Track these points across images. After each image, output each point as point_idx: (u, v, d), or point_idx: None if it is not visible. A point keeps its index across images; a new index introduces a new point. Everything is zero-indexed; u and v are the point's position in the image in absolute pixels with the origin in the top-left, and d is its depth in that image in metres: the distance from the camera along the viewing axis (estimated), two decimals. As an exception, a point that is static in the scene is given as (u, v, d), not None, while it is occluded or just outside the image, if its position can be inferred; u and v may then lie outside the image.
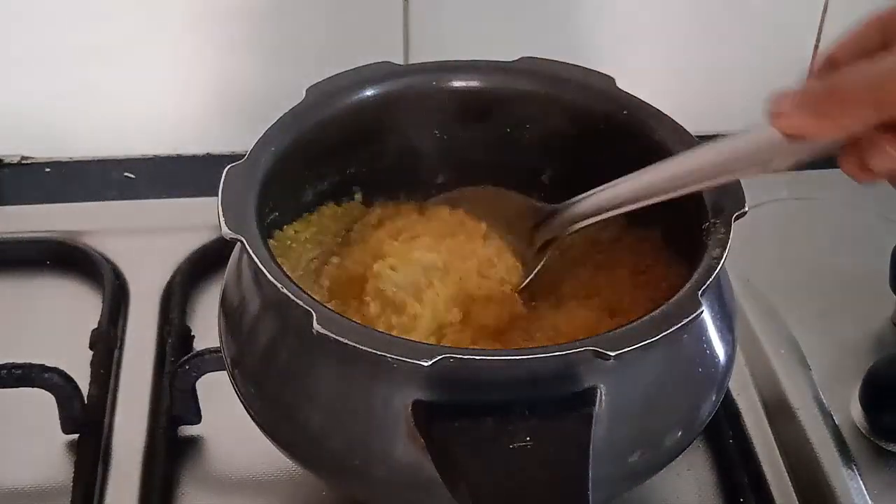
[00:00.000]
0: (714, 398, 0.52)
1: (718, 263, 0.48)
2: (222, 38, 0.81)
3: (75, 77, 0.81)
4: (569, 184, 0.61)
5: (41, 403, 0.60)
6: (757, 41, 0.85)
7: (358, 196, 0.62)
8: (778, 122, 0.44)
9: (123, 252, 0.74)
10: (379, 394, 0.47)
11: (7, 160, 0.84)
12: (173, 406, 0.62)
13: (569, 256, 0.60)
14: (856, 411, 0.64)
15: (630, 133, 0.57)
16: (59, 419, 0.61)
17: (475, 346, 0.54)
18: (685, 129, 0.56)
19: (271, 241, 0.57)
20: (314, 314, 0.45)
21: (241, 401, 0.53)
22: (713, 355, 0.51)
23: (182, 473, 0.61)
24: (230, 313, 0.53)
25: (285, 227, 0.59)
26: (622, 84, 0.58)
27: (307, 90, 0.57)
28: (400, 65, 0.59)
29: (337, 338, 0.44)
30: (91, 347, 0.66)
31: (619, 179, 0.53)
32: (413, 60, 0.80)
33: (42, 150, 0.84)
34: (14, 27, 0.78)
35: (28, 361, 0.60)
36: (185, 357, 0.61)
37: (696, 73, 0.86)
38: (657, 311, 0.46)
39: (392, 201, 0.63)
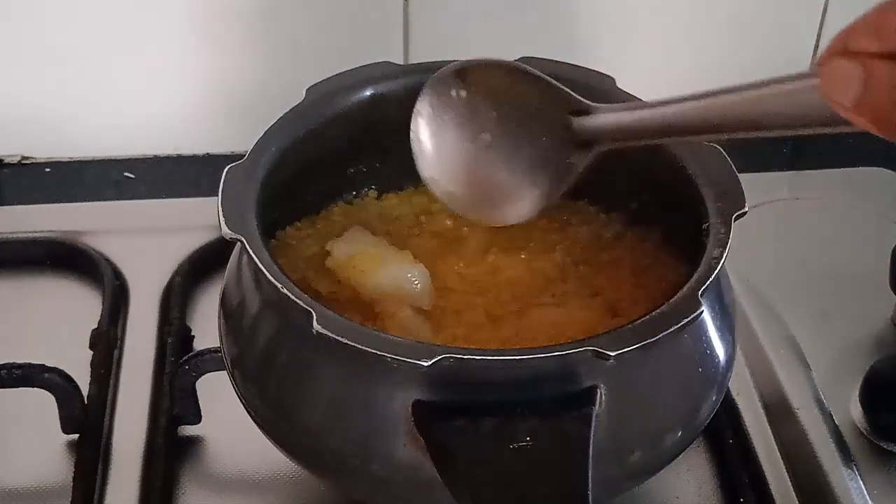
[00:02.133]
0: (714, 398, 0.52)
1: (718, 263, 0.48)
2: (222, 38, 0.81)
3: (75, 77, 0.81)
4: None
5: (41, 403, 0.60)
6: (757, 41, 0.85)
7: (373, 192, 0.62)
8: (842, 113, 0.39)
9: (123, 252, 0.74)
10: (379, 394, 0.47)
11: (7, 160, 0.84)
12: (173, 406, 0.62)
13: (571, 255, 0.60)
14: (856, 411, 0.64)
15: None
16: (59, 419, 0.61)
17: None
18: (685, 129, 0.56)
19: (271, 241, 0.57)
20: (314, 314, 0.45)
21: (241, 401, 0.53)
22: (713, 355, 0.51)
23: (182, 473, 0.61)
24: (230, 313, 0.53)
25: (287, 227, 0.59)
26: (622, 84, 0.58)
27: (307, 90, 0.57)
28: (400, 65, 0.59)
29: (337, 338, 0.44)
30: (91, 347, 0.66)
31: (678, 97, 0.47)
32: (413, 60, 0.80)
33: (42, 150, 0.84)
34: (14, 27, 0.78)
35: (28, 361, 0.60)
36: (185, 357, 0.61)
37: (696, 73, 0.86)
38: (657, 311, 0.46)
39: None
